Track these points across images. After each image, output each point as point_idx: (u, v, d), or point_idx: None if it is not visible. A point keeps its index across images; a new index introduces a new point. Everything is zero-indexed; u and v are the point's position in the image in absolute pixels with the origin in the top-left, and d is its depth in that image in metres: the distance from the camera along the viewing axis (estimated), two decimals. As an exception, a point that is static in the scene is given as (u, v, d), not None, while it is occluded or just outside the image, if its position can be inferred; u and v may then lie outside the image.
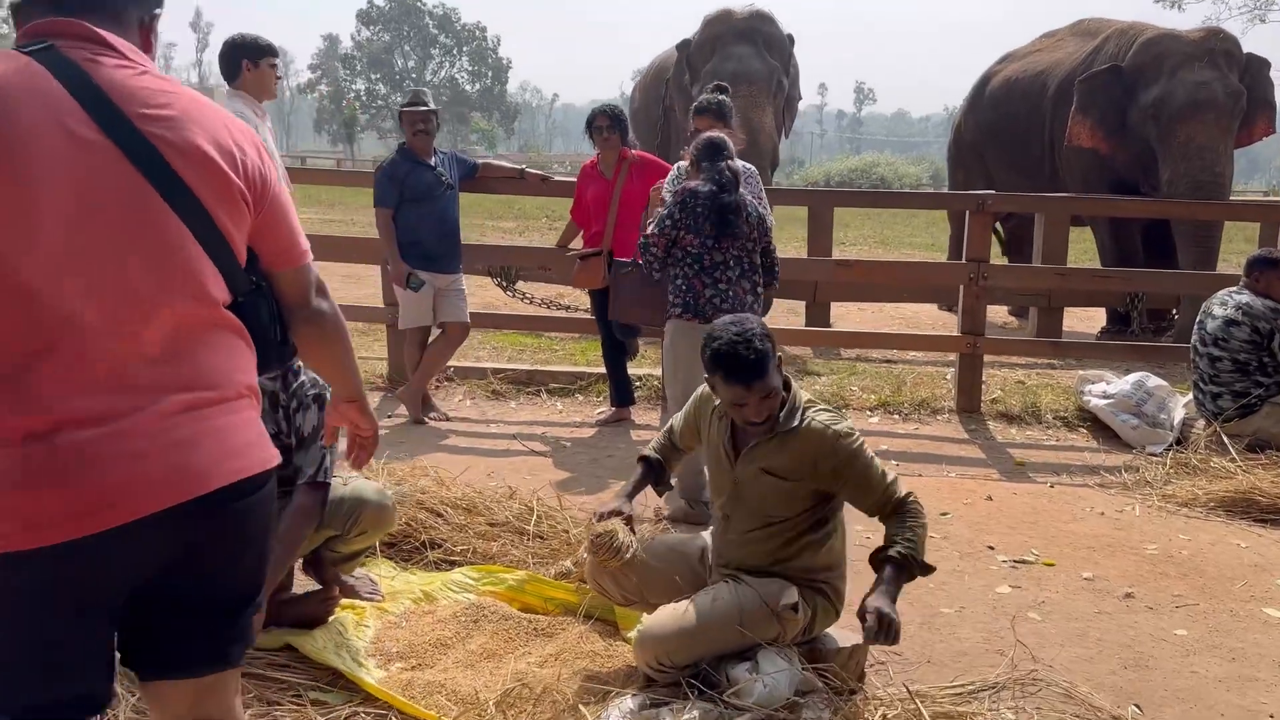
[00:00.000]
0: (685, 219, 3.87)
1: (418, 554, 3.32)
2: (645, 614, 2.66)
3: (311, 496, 2.73)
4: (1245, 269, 5.01)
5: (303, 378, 2.78)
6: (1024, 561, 3.67)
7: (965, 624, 3.16)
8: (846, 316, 8.92)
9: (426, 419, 5.31)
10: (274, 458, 1.59)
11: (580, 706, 2.34)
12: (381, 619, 2.91)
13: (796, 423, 2.52)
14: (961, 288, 5.80)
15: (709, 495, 3.93)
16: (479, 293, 9.36)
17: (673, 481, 3.00)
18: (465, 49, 67.63)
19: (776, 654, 2.41)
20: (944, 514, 4.14)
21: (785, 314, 8.92)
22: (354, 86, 67.38)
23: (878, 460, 2.58)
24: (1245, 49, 7.65)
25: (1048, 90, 8.54)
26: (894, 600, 2.42)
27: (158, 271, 1.46)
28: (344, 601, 2.95)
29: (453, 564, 3.26)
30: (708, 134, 4.05)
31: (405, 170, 5.20)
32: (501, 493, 3.70)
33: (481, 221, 17.60)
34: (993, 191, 6.23)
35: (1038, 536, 3.92)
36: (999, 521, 4.08)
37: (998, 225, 9.21)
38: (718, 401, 2.61)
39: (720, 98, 4.61)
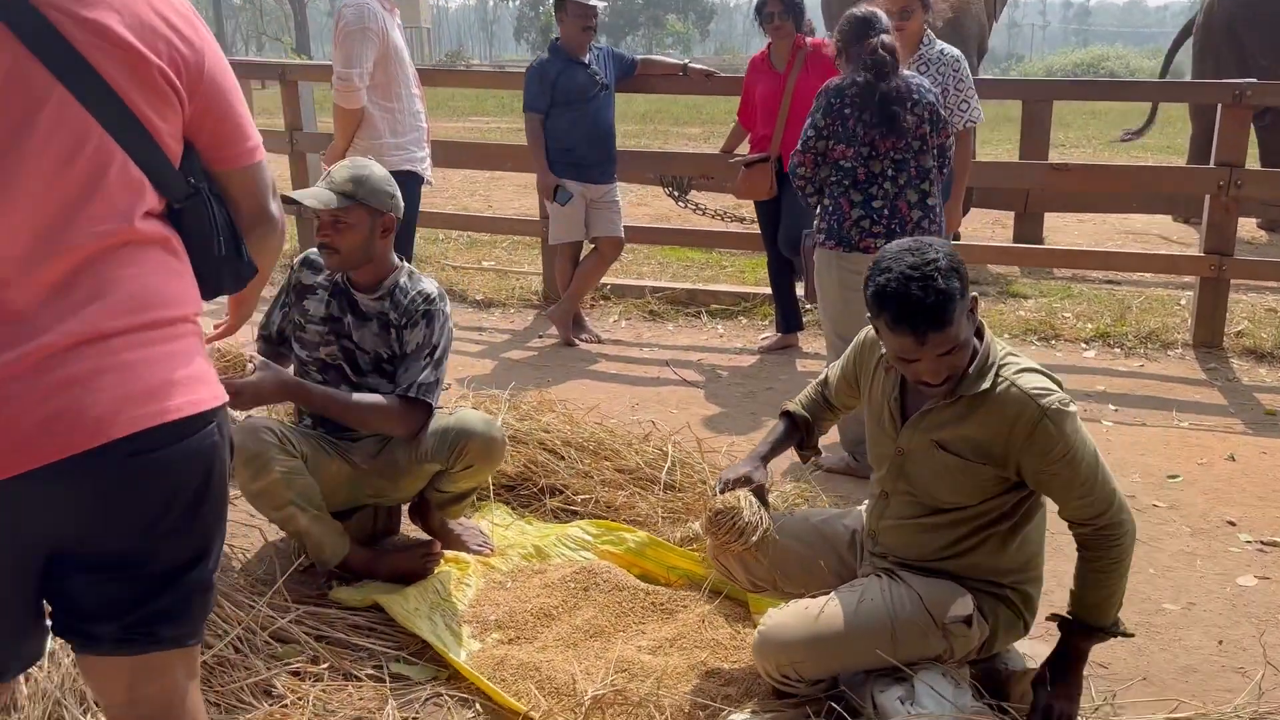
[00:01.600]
0: (833, 125, 3.22)
1: (536, 500, 2.98)
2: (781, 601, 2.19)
3: (402, 405, 2.50)
4: None
5: (411, 293, 2.56)
6: (1275, 544, 2.94)
7: (1195, 627, 2.51)
8: (1063, 229, 7.87)
9: (577, 341, 4.97)
10: (207, 400, 1.29)
11: (680, 726, 1.92)
12: (486, 577, 2.60)
13: (987, 385, 1.89)
14: (1207, 198, 4.82)
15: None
16: (651, 203, 8.97)
17: (820, 447, 2.45)
18: (662, -52, 65.88)
19: (940, 677, 1.88)
20: (1173, 477, 3.42)
21: (990, 226, 8.01)
22: (552, -7, 67.13)
23: (1097, 456, 1.91)
24: None
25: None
26: (1074, 690, 1.93)
27: (61, 178, 1.18)
28: (448, 554, 2.66)
29: (572, 514, 2.90)
30: (852, 9, 3.34)
31: (557, 70, 4.76)
32: (637, 433, 3.29)
33: (666, 128, 17.05)
34: (1253, 80, 5.10)
35: (1295, 512, 3.15)
36: (1243, 490, 3.31)
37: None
38: (884, 350, 2.05)
39: None
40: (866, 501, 2.23)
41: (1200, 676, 2.32)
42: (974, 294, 1.89)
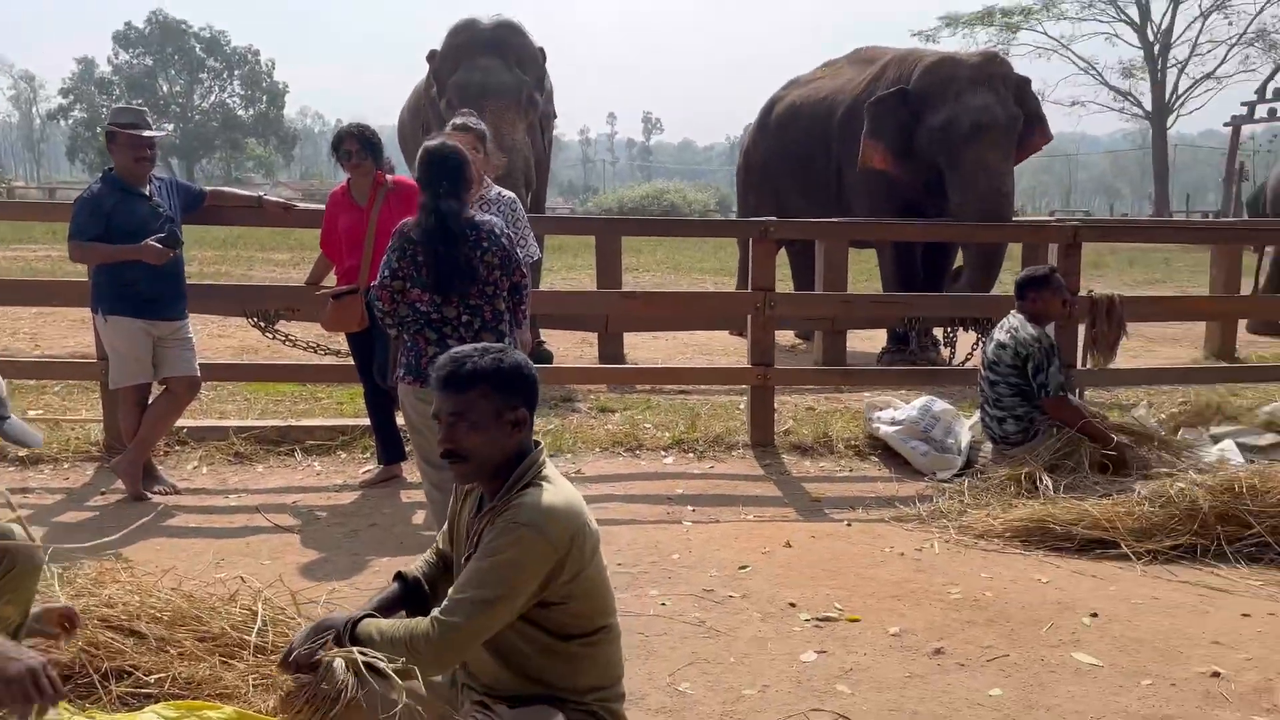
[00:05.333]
0: (406, 269, 3.32)
1: (100, 688, 2.60)
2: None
3: None
4: (1016, 292, 4.98)
5: None
6: (828, 618, 3.36)
7: (770, 708, 2.77)
8: (641, 346, 8.63)
9: (149, 494, 4.48)
10: None
11: None
12: (35, 791, 2.19)
13: (510, 497, 2.04)
14: (749, 318, 5.57)
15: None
16: (235, 334, 8.46)
17: None
18: (237, 73, 63.97)
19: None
20: (743, 567, 3.80)
21: (578, 344, 8.54)
22: (112, 111, 62.21)
23: (504, 573, 1.95)
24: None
25: (834, 115, 8.59)
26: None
27: None
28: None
29: (147, 698, 2.57)
30: (428, 145, 3.46)
31: (113, 202, 4.39)
32: (221, 593, 3.01)
33: (250, 253, 16.31)
34: (774, 218, 6.07)
35: (840, 586, 3.63)
36: (800, 572, 3.77)
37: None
38: None
39: (465, 120, 4.14)
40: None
41: (778, 753, 2.55)
42: (521, 411, 2.07)
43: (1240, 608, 3.42)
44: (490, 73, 7.04)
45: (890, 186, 8.03)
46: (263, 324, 5.49)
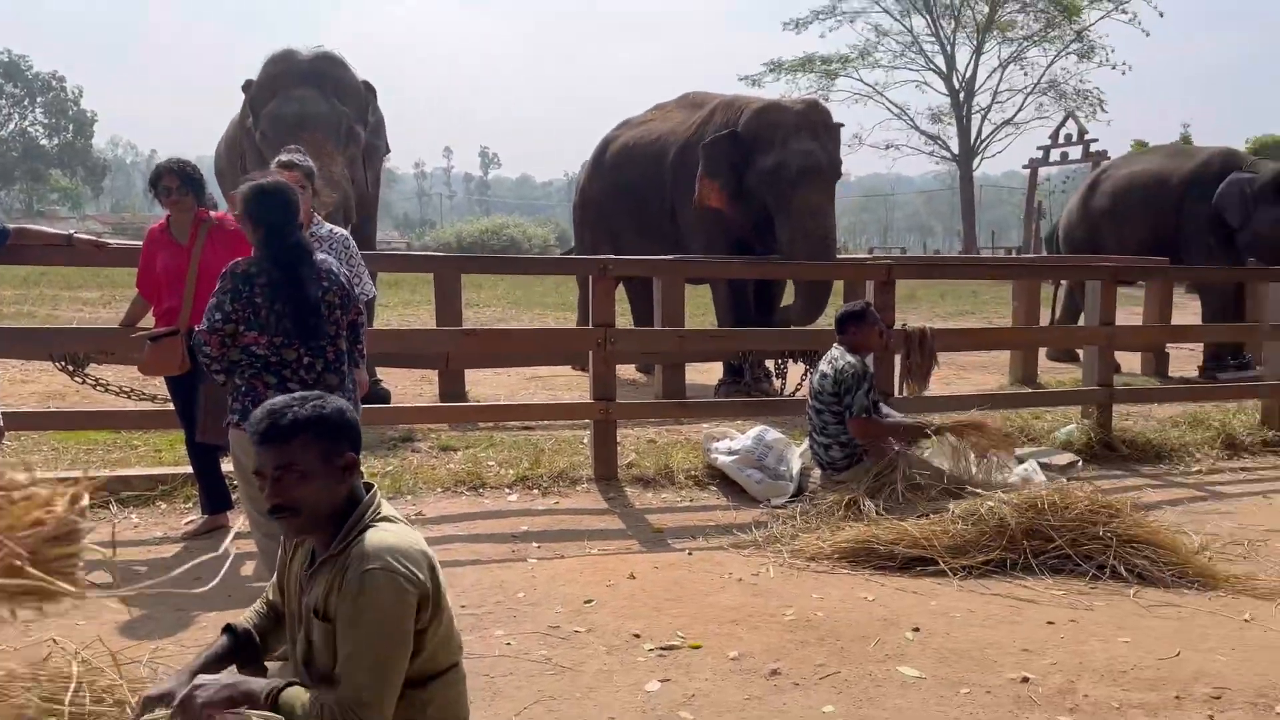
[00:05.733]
0: (242, 311, 3.19)
1: (-113, 773, 2.38)
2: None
3: None
4: (836, 326, 5.28)
5: None
6: (671, 647, 3.44)
7: (617, 739, 2.82)
8: (484, 382, 8.57)
9: (-57, 556, 4.12)
10: None
11: None
12: None
13: (350, 541, 1.99)
14: (591, 353, 5.65)
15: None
16: (41, 378, 7.90)
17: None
18: (40, 100, 59.81)
19: None
20: (588, 601, 3.83)
21: (418, 382, 8.41)
22: (-107, 137, 57.04)
23: (379, 631, 1.91)
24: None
25: (667, 156, 8.84)
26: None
27: None
28: None
29: (-57, 780, 2.37)
30: (260, 182, 3.32)
31: (-99, 239, 4.06)
32: (31, 658, 2.80)
33: (55, 292, 15.23)
34: (613, 257, 6.21)
35: (683, 614, 3.72)
36: (643, 603, 3.84)
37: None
38: None
39: (291, 157, 4.06)
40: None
41: (624, 783, 2.59)
42: (350, 455, 2.04)
43: (1045, 616, 3.72)
44: (307, 103, 6.87)
45: (723, 226, 8.33)
46: (71, 368, 5.16)
